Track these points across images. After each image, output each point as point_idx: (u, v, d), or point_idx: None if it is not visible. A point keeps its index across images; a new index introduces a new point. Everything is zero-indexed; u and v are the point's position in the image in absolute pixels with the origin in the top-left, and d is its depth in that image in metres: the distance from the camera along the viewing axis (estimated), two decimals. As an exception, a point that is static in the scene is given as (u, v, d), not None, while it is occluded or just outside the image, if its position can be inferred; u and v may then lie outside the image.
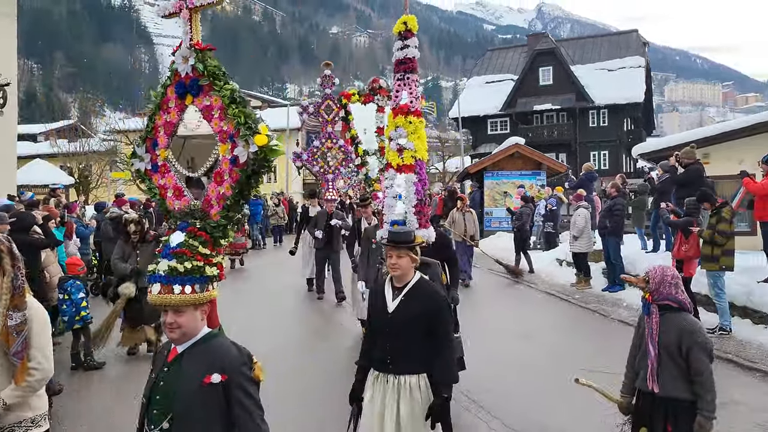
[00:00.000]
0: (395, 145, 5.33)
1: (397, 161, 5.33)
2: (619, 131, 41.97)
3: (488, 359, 7.33)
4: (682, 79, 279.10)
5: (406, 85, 5.41)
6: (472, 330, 8.89)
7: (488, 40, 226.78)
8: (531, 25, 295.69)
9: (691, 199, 9.08)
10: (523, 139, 23.37)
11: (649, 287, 3.85)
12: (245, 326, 7.87)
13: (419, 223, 5.02)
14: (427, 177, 5.55)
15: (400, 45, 5.47)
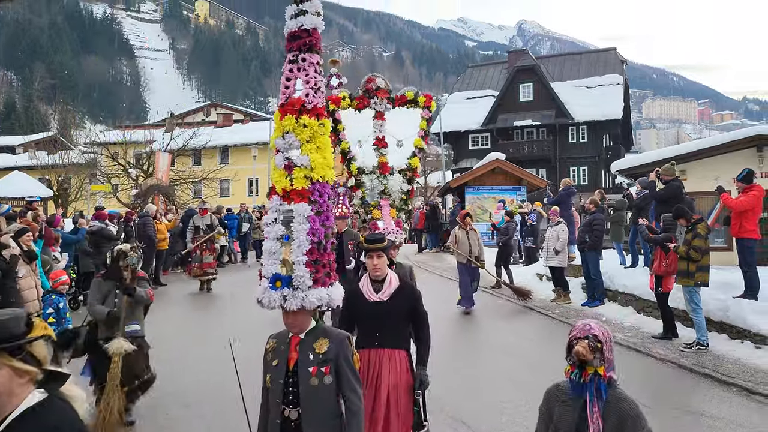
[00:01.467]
0: (282, 161, 3.56)
1: (284, 184, 3.52)
2: (598, 147, 42.54)
3: (467, 372, 7.35)
4: (659, 96, 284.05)
5: (301, 71, 3.60)
6: (452, 342, 8.92)
7: (469, 57, 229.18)
8: (511, 42, 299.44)
9: (669, 215, 9.23)
10: (503, 155, 23.61)
11: (602, 357, 2.87)
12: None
13: (315, 279, 3.30)
14: (330, 208, 3.65)
15: (294, 10, 3.63)
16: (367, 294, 4.24)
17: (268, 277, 3.34)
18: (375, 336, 4.22)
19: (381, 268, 4.21)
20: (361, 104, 7.43)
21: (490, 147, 41.77)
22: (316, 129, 3.58)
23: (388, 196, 6.89)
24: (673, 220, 9.02)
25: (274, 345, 3.34)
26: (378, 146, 7.33)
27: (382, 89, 7.42)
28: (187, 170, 33.46)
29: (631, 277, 11.24)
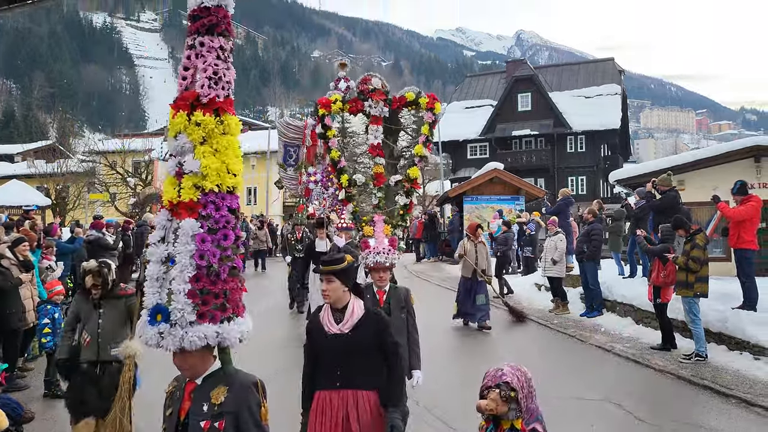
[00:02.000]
0: (173, 167, 3.00)
1: (171, 195, 2.93)
2: (596, 157, 42.62)
3: (464, 383, 7.31)
4: (657, 106, 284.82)
5: (199, 57, 3.04)
6: (448, 353, 8.89)
7: (468, 66, 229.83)
8: (510, 52, 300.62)
9: (666, 225, 9.23)
10: (502, 164, 23.63)
11: (519, 407, 2.55)
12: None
13: (200, 313, 2.69)
14: (233, 222, 3.01)
15: None
16: (327, 325, 3.65)
17: (149, 308, 2.74)
18: (336, 375, 3.59)
19: (331, 294, 3.63)
20: (354, 108, 6.55)
21: (488, 156, 41.82)
22: (212, 128, 2.95)
23: (382, 210, 5.99)
24: (672, 231, 9.03)
25: (172, 390, 2.86)
26: (371, 154, 6.49)
27: (378, 90, 6.57)
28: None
29: (629, 287, 11.22)
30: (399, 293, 5.20)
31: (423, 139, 6.29)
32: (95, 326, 5.04)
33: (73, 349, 5.08)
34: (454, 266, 19.92)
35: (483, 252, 10.98)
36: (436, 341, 9.55)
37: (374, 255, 4.98)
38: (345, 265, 3.65)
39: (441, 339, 9.87)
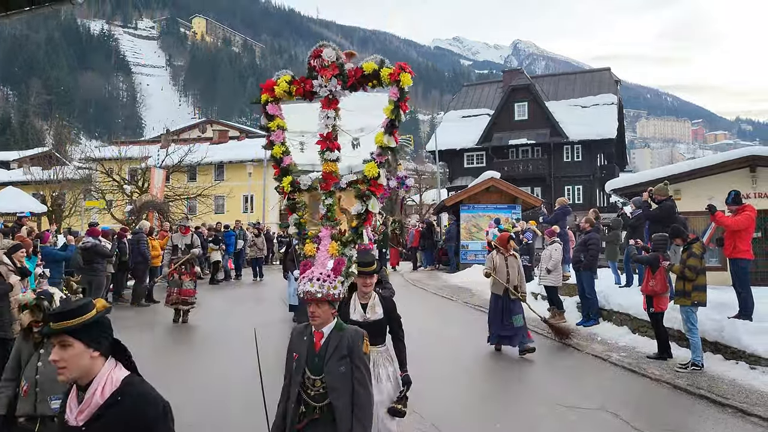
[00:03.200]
0: None
1: None
2: (593, 166, 42.74)
3: (460, 391, 7.30)
4: (653, 116, 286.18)
5: None
6: (440, 361, 8.87)
7: (465, 76, 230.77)
8: (506, 62, 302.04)
9: (658, 234, 9.27)
10: (498, 173, 23.66)
11: None
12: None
13: None
14: None
15: None
16: None
17: None
18: None
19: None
20: (301, 89, 4.88)
21: (485, 165, 41.92)
22: None
23: (332, 223, 4.60)
24: (663, 240, 9.06)
25: None
26: (322, 149, 4.73)
27: (333, 64, 4.79)
28: (183, 187, 33.43)
29: (626, 296, 11.23)
30: (347, 336, 3.62)
31: (385, 124, 4.54)
32: (33, 372, 4.09)
33: (14, 402, 4.19)
34: (450, 275, 19.95)
35: (515, 266, 9.64)
36: (428, 350, 9.53)
37: (305, 282, 3.57)
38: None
39: (432, 347, 9.85)
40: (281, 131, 5.01)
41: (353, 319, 4.55)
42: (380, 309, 4.71)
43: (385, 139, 4.64)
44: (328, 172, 4.89)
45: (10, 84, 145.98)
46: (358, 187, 4.72)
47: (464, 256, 21.13)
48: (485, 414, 6.66)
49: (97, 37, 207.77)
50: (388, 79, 4.78)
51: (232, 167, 43.25)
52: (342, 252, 4.47)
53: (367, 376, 3.57)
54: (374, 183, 4.74)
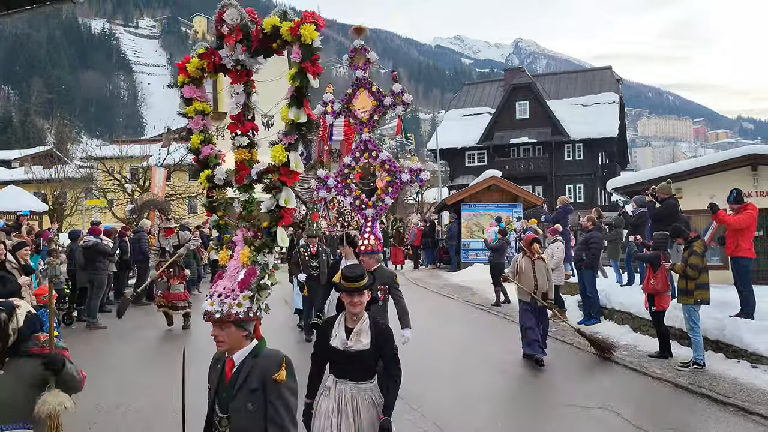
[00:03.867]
0: None
1: None
2: (594, 165, 42.73)
3: (465, 391, 7.30)
4: (654, 114, 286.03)
5: None
6: (443, 359, 8.87)
7: (466, 74, 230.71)
8: (508, 60, 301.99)
9: (659, 233, 9.26)
10: (499, 172, 23.64)
11: None
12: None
13: None
14: None
15: None
16: None
17: None
18: None
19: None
20: (212, 63, 4.01)
21: (486, 164, 41.91)
22: None
23: (247, 224, 3.58)
24: (664, 238, 9.05)
25: None
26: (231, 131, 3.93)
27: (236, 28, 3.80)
28: (184, 185, 33.43)
29: (627, 295, 11.23)
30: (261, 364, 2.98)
31: (290, 94, 3.50)
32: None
33: None
34: (451, 274, 19.95)
35: (542, 270, 8.73)
36: (430, 346, 9.54)
37: (208, 298, 3.08)
38: None
39: (434, 344, 9.85)
40: (201, 117, 4.02)
41: (332, 346, 3.83)
42: (368, 337, 3.80)
43: (291, 113, 3.48)
44: (240, 162, 3.80)
45: (11, 83, 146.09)
46: (267, 176, 3.55)
47: (465, 254, 21.13)
48: (486, 413, 6.66)
49: (98, 36, 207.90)
50: (290, 36, 3.54)
51: (233, 166, 43.19)
52: (254, 259, 3.36)
53: (288, 416, 2.86)
54: (285, 171, 3.53)
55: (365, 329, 3.82)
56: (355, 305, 3.81)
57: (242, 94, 3.86)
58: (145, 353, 9.68)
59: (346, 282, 3.83)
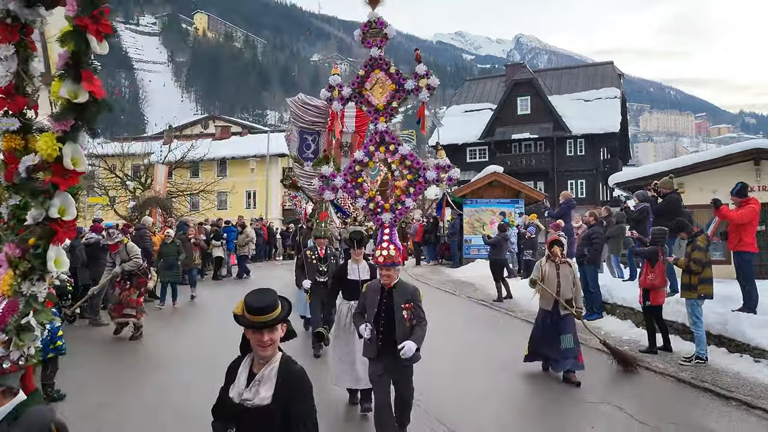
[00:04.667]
0: None
1: None
2: (596, 160, 42.67)
3: (467, 388, 7.30)
4: (656, 109, 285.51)
5: None
6: (444, 356, 8.87)
7: (467, 70, 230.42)
8: (509, 56, 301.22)
9: (657, 228, 9.25)
10: (501, 168, 23.61)
11: None
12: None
13: None
14: None
15: None
16: None
17: None
18: None
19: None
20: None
21: (487, 160, 41.87)
22: None
23: (16, 238, 2.68)
24: (662, 234, 9.05)
25: None
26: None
27: None
28: (185, 183, 33.45)
29: (629, 290, 11.20)
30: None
31: (62, 63, 2.60)
32: None
33: None
34: (453, 270, 19.95)
35: (568, 276, 7.99)
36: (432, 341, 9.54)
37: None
38: None
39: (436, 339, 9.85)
40: None
41: (231, 396, 2.87)
42: (270, 390, 2.77)
43: (64, 89, 2.54)
44: (8, 152, 2.76)
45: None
46: (37, 178, 2.64)
47: (467, 250, 21.12)
48: (489, 409, 6.66)
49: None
50: None
51: (235, 163, 43.25)
52: (17, 289, 2.49)
53: None
54: (58, 170, 2.56)
55: (272, 377, 2.79)
56: (263, 346, 2.78)
57: (13, 58, 2.79)
58: (144, 349, 9.69)
59: (251, 315, 2.76)
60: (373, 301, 5.37)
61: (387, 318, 5.28)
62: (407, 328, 5.25)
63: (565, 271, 7.98)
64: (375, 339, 5.27)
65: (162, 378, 7.85)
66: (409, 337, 5.16)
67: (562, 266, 8.03)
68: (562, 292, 7.86)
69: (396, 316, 5.25)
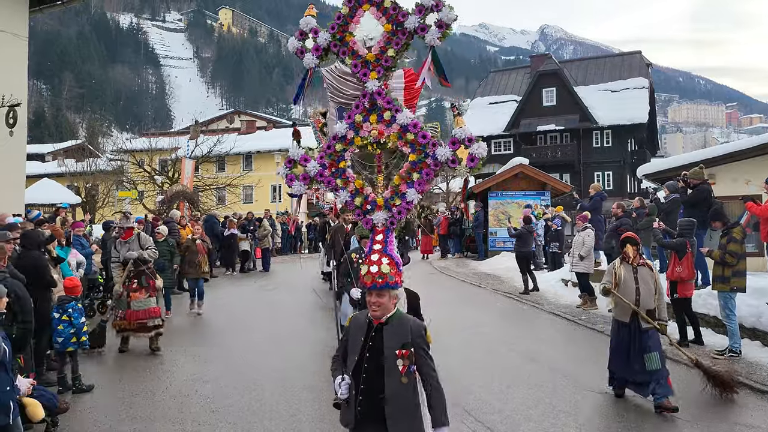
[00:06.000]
0: None
1: None
2: (623, 152, 42.08)
3: (494, 380, 7.28)
4: (685, 100, 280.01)
5: None
6: (473, 347, 8.85)
7: (491, 62, 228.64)
8: (534, 47, 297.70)
9: (685, 219, 9.10)
10: (527, 160, 23.41)
11: None
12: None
13: None
14: None
15: None
16: None
17: None
18: None
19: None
20: None
21: (512, 152, 41.56)
22: None
23: None
24: (690, 225, 8.90)
25: None
26: None
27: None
28: (212, 177, 33.81)
29: (659, 282, 11.05)
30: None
31: None
32: None
33: None
34: (478, 262, 19.87)
35: (648, 281, 6.63)
36: (460, 335, 9.52)
37: None
38: None
39: (464, 332, 9.82)
40: None
41: None
42: None
43: None
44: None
45: (43, 78, 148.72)
46: None
47: (492, 243, 21.01)
48: (518, 399, 6.63)
49: (126, 30, 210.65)
50: None
51: (260, 157, 43.58)
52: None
53: None
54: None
55: None
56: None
57: None
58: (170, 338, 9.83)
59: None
60: (356, 342, 3.65)
61: (371, 368, 3.55)
62: (401, 386, 3.49)
63: (644, 276, 6.65)
64: (354, 400, 3.54)
65: (192, 370, 7.97)
66: (413, 405, 3.56)
67: (641, 269, 6.69)
68: (643, 301, 6.51)
69: (386, 366, 3.52)
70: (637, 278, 6.60)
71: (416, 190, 4.25)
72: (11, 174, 13.51)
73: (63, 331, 7.03)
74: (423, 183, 4.26)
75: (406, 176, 4.26)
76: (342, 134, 4.47)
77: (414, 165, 4.26)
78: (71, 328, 7.05)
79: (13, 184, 13.60)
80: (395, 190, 4.30)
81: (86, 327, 7.21)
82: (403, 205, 4.26)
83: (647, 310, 6.51)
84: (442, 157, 4.16)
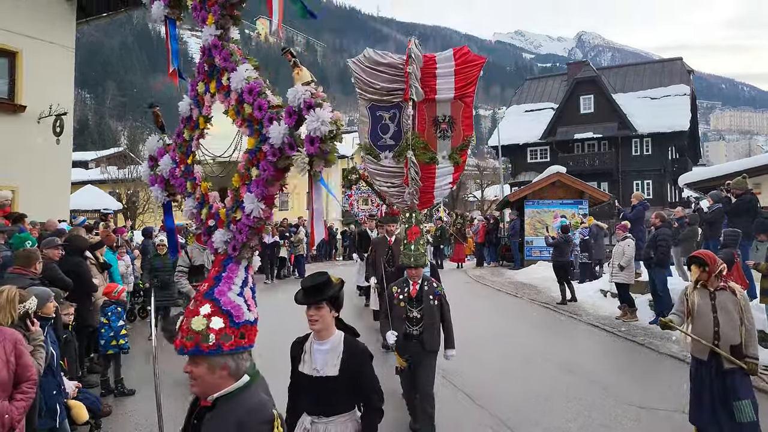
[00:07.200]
0: None
1: None
2: (664, 160, 41.20)
3: (531, 391, 7.18)
4: (728, 107, 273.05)
5: None
6: (510, 359, 8.75)
7: (527, 69, 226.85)
8: (571, 54, 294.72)
9: (730, 230, 8.85)
10: (564, 168, 23.11)
11: None
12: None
13: None
14: None
15: None
16: None
17: None
18: None
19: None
20: None
21: (549, 160, 41.08)
22: None
23: None
24: (735, 236, 8.66)
25: None
26: None
27: None
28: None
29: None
30: None
31: None
32: None
33: None
34: (514, 272, 19.67)
35: (731, 310, 5.16)
36: (495, 344, 9.42)
37: None
38: None
39: (500, 343, 9.71)
40: None
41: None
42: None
43: None
44: None
45: (87, 87, 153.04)
46: None
47: (529, 252, 20.79)
48: (555, 412, 6.53)
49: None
50: None
51: (296, 165, 43.94)
52: None
53: None
54: None
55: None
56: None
57: None
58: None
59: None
60: None
61: None
62: None
63: (724, 303, 5.19)
64: None
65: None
66: None
67: (720, 294, 5.24)
68: (723, 335, 5.09)
69: None
70: (715, 306, 5.19)
71: (255, 195, 2.60)
72: (58, 181, 13.95)
73: (104, 334, 7.22)
74: (262, 184, 2.60)
75: (245, 174, 2.69)
76: (187, 115, 3.28)
77: (251, 155, 2.65)
78: (110, 332, 7.23)
79: (59, 190, 14.04)
80: (235, 197, 2.74)
81: (124, 330, 7.38)
82: (243, 221, 2.64)
83: (731, 346, 5.10)
84: (276, 140, 2.46)
